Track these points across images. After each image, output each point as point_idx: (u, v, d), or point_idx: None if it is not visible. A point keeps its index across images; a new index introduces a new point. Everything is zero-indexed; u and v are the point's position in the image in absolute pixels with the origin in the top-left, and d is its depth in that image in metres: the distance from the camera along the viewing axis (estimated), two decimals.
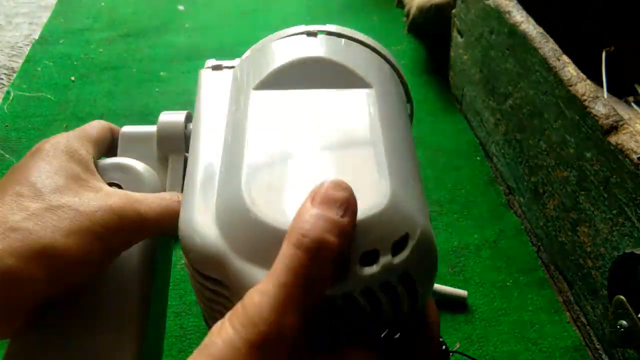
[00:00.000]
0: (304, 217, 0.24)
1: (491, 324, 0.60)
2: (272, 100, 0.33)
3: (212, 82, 0.37)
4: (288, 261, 0.24)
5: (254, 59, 0.36)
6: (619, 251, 0.49)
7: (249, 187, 0.27)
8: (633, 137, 0.48)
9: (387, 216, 0.26)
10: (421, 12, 0.92)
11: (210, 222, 0.28)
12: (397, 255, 0.26)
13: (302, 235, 0.24)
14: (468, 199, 0.73)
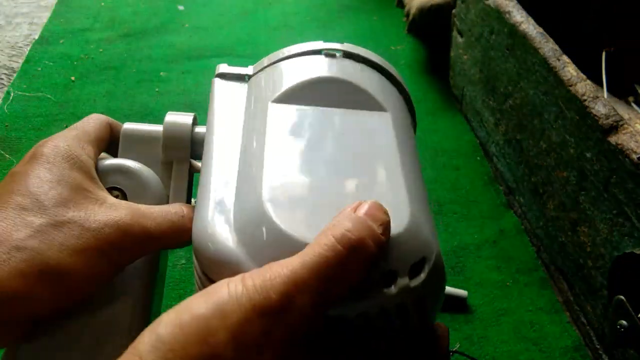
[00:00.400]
0: (348, 218, 0.25)
1: (491, 324, 0.60)
2: (290, 114, 0.33)
3: (226, 92, 0.37)
4: (324, 250, 0.24)
5: (273, 72, 0.36)
6: (619, 251, 0.49)
7: (271, 198, 0.27)
8: (633, 137, 0.48)
9: (406, 239, 0.27)
10: (421, 12, 0.92)
11: (227, 230, 0.28)
12: (414, 279, 0.27)
13: (347, 230, 0.24)
14: (468, 199, 0.73)
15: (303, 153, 0.30)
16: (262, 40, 1.00)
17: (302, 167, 0.29)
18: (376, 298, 0.26)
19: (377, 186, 0.29)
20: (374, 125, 0.33)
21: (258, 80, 0.37)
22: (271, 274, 0.23)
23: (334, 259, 0.24)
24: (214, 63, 0.96)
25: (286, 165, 0.30)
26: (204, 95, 0.86)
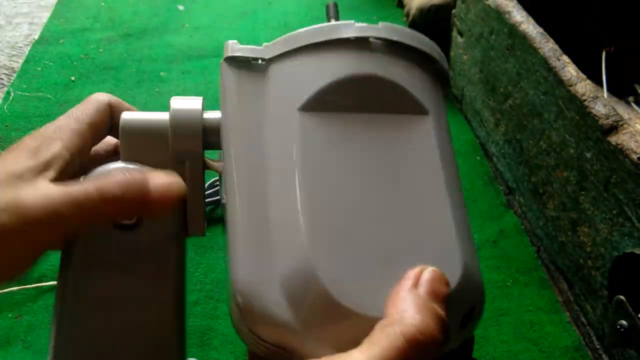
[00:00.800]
0: (414, 308, 0.24)
1: (491, 324, 0.60)
2: (322, 127, 0.29)
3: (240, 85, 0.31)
4: (392, 351, 0.23)
5: (296, 67, 0.31)
6: (619, 251, 0.49)
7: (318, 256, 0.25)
8: (633, 137, 0.48)
9: (459, 294, 0.25)
10: (421, 12, 0.92)
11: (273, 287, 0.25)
12: (466, 329, 0.26)
13: (417, 331, 0.23)
14: (468, 199, 0.73)
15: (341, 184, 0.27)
16: (262, 40, 1.00)
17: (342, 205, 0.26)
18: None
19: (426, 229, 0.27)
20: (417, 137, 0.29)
21: (279, 73, 0.31)
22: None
23: (401, 358, 0.23)
24: (214, 63, 0.96)
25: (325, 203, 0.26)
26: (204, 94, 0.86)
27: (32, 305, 0.60)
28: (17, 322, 0.58)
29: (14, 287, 0.61)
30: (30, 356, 0.55)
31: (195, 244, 0.67)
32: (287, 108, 0.29)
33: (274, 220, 0.27)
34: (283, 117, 0.29)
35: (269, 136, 0.29)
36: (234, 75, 0.31)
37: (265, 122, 0.30)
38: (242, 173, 0.29)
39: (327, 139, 0.28)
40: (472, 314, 0.26)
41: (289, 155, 0.28)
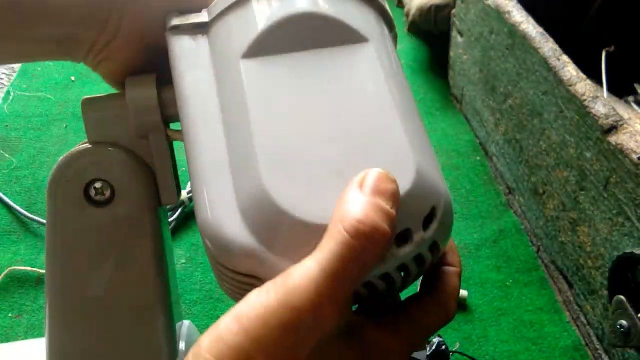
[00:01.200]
0: (357, 205, 0.24)
1: (491, 324, 0.60)
2: (267, 70, 0.30)
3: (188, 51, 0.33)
4: (339, 248, 0.23)
5: (234, 20, 0.32)
6: (619, 251, 0.49)
7: (271, 178, 0.26)
8: (633, 137, 0.48)
9: (415, 194, 0.26)
10: (421, 12, 0.92)
11: (234, 219, 0.27)
12: (428, 229, 0.27)
13: (357, 222, 0.23)
14: (468, 199, 0.73)
15: (291, 115, 0.28)
16: None
17: (294, 133, 0.28)
18: (395, 258, 0.26)
19: (376, 141, 0.28)
20: (360, 64, 0.30)
21: (220, 32, 0.32)
22: (293, 289, 0.23)
23: (352, 257, 0.23)
24: None
25: (277, 134, 0.28)
26: None
27: (32, 305, 0.60)
28: (17, 322, 0.58)
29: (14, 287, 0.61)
30: None
31: (195, 244, 0.67)
32: (232, 59, 0.31)
33: (231, 159, 0.28)
34: (229, 68, 0.31)
35: (219, 90, 0.31)
36: (180, 43, 0.33)
37: (214, 78, 0.31)
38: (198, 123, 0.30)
39: (273, 78, 0.30)
40: (433, 214, 0.27)
41: (240, 99, 0.29)
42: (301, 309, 0.23)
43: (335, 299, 0.23)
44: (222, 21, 0.32)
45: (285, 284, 0.23)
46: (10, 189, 0.71)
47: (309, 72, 0.30)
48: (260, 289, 0.24)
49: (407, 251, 0.26)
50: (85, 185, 0.35)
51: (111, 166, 0.35)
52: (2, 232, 0.67)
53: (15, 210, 0.68)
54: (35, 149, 0.78)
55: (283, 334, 0.23)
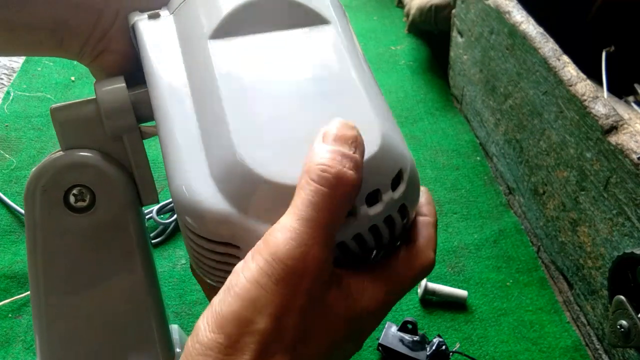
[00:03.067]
0: (321, 154, 0.25)
1: (491, 324, 0.60)
2: (234, 50, 0.31)
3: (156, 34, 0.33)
4: (310, 196, 0.24)
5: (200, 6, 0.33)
6: (619, 251, 0.49)
7: (243, 145, 0.27)
8: (633, 137, 0.48)
9: (383, 156, 0.27)
10: (421, 12, 0.92)
11: (208, 187, 0.27)
12: (396, 190, 0.28)
13: (322, 170, 0.24)
14: (468, 199, 0.73)
15: (260, 90, 0.29)
16: None
17: (263, 105, 0.29)
18: (366, 218, 0.27)
19: (343, 109, 0.29)
20: (324, 43, 0.32)
21: (186, 13, 0.33)
22: (276, 245, 0.24)
23: (324, 202, 0.24)
24: None
25: (247, 105, 0.29)
26: None
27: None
28: (17, 322, 0.58)
29: (14, 288, 0.61)
30: (30, 356, 0.55)
31: None
32: (199, 41, 0.32)
33: (202, 132, 0.29)
34: (197, 49, 0.31)
35: (187, 69, 0.32)
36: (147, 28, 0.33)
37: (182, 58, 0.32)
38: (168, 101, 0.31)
39: (241, 57, 0.31)
40: (400, 176, 0.28)
41: (209, 77, 0.30)
42: (289, 261, 0.23)
43: (318, 243, 0.24)
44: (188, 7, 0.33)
45: (267, 244, 0.24)
46: (10, 189, 0.71)
47: (276, 51, 0.31)
48: (244, 259, 0.25)
49: (377, 210, 0.27)
50: (64, 193, 0.35)
51: (89, 171, 0.35)
52: (2, 232, 0.67)
53: (15, 210, 0.68)
54: (35, 149, 0.78)
55: (277, 290, 0.23)
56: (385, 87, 0.90)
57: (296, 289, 0.24)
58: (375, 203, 0.27)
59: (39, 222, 0.35)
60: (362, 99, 0.30)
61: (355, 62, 0.31)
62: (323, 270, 0.24)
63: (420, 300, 0.62)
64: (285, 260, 0.23)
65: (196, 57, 0.31)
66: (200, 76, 0.31)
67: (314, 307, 0.24)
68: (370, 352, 0.57)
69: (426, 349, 0.55)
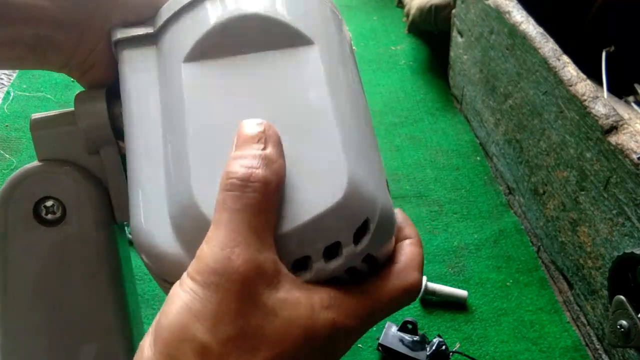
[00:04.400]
0: (228, 165, 0.25)
1: (491, 324, 0.60)
2: (205, 75, 0.29)
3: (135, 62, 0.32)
4: (220, 205, 0.24)
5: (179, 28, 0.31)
6: (619, 251, 0.49)
7: (200, 188, 0.26)
8: (633, 137, 0.48)
9: (346, 205, 0.25)
10: (421, 12, 0.92)
11: (165, 228, 0.27)
12: (359, 243, 0.26)
13: (227, 178, 0.24)
14: (468, 199, 0.73)
15: (227, 122, 0.27)
16: None
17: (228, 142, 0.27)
18: (322, 271, 0.26)
19: (310, 149, 0.27)
20: (302, 67, 0.29)
21: (166, 38, 0.32)
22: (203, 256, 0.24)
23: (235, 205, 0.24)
24: None
25: (211, 141, 0.27)
26: None
27: None
28: None
29: None
30: None
31: None
32: (174, 63, 0.30)
33: (166, 164, 0.28)
34: (171, 72, 0.30)
35: (161, 94, 0.30)
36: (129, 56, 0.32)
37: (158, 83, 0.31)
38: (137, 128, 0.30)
39: (212, 83, 0.29)
40: (366, 226, 0.26)
41: (178, 104, 0.29)
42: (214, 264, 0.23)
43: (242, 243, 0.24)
44: (169, 29, 0.32)
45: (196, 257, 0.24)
46: None
47: (249, 76, 0.29)
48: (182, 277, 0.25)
49: (337, 264, 0.25)
50: (35, 204, 0.34)
51: (61, 183, 0.34)
52: None
53: None
54: None
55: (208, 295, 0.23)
56: (385, 87, 0.90)
57: (228, 291, 0.23)
58: (334, 257, 0.26)
59: (7, 232, 0.34)
60: (332, 135, 0.27)
61: (336, 89, 0.29)
62: (258, 271, 0.24)
63: (420, 300, 0.62)
64: (210, 263, 0.23)
65: (169, 81, 0.30)
66: (171, 104, 0.29)
67: (254, 311, 0.24)
68: (370, 352, 0.57)
69: (426, 349, 0.55)
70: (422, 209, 0.72)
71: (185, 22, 0.31)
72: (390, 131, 0.83)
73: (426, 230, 0.69)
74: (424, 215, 0.71)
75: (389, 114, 0.85)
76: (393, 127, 0.83)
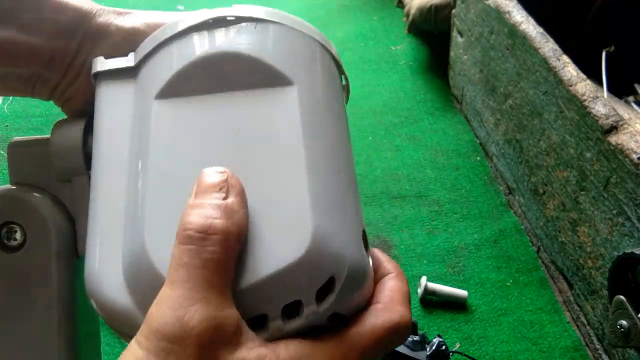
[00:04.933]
0: (185, 215, 0.24)
1: (491, 324, 0.60)
2: (175, 113, 0.28)
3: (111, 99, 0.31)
4: (178, 259, 0.23)
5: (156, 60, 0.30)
6: (619, 251, 0.49)
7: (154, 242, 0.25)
8: (633, 137, 0.48)
9: (309, 262, 0.24)
10: (421, 12, 0.92)
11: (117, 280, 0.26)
12: (323, 302, 0.24)
13: (184, 229, 0.23)
14: (468, 199, 0.73)
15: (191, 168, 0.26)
16: None
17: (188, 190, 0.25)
18: (280, 332, 0.24)
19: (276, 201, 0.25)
20: (276, 110, 0.28)
21: (144, 73, 0.30)
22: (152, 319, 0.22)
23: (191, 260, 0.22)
24: None
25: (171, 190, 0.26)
26: None
27: None
28: None
29: None
30: None
31: None
32: (147, 100, 0.29)
33: (126, 211, 0.27)
34: (143, 109, 0.29)
35: (132, 134, 0.29)
36: (104, 89, 0.31)
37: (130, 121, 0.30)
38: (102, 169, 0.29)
39: (181, 123, 0.28)
40: (331, 284, 0.24)
41: (144, 146, 0.28)
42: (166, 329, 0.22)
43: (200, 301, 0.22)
44: (148, 63, 0.30)
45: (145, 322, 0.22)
46: None
47: (220, 117, 0.28)
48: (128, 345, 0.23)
49: (297, 324, 0.24)
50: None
51: (26, 209, 0.33)
52: None
53: None
54: None
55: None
56: (385, 87, 0.90)
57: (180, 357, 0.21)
58: (294, 316, 0.24)
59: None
60: (300, 184, 0.25)
61: (313, 134, 0.27)
62: (216, 331, 0.22)
63: (420, 300, 0.62)
64: (160, 328, 0.21)
65: (140, 120, 0.29)
66: (138, 144, 0.28)
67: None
68: None
69: (426, 349, 0.55)
70: (422, 209, 0.72)
71: (162, 57, 0.30)
72: (390, 131, 0.83)
73: (426, 230, 0.69)
74: (424, 215, 0.71)
75: (389, 114, 0.85)
76: (393, 127, 0.83)
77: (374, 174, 0.76)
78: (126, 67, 0.31)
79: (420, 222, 0.70)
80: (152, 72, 0.30)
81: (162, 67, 0.29)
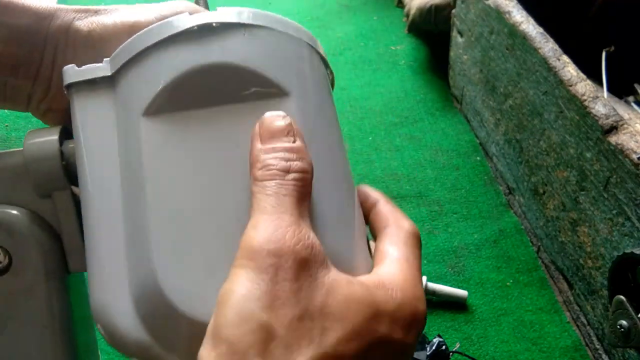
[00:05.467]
0: (260, 158, 0.25)
1: (491, 324, 0.60)
2: (167, 132, 0.26)
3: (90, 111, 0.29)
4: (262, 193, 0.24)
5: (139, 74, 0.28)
6: (619, 251, 0.49)
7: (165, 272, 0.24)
8: (633, 137, 0.48)
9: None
10: (421, 12, 0.92)
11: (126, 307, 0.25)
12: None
13: (266, 169, 0.24)
14: (468, 199, 0.73)
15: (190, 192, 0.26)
16: None
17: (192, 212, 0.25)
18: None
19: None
20: None
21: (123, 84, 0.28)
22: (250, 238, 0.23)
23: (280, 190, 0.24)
24: None
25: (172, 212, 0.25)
26: None
27: None
28: None
29: None
30: None
31: None
32: (133, 117, 0.27)
33: (127, 235, 0.26)
34: (129, 127, 0.27)
35: (120, 152, 0.28)
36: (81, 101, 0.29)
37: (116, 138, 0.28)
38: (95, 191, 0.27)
39: (173, 143, 0.26)
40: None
41: (137, 168, 0.26)
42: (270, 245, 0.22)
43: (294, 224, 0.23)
44: (127, 73, 0.28)
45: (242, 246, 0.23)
46: None
47: (214, 134, 0.27)
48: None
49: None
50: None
51: (8, 230, 0.31)
52: None
53: None
54: None
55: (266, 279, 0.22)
56: (385, 87, 0.90)
57: (286, 272, 0.22)
58: None
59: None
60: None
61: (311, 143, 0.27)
62: (312, 251, 0.23)
63: None
64: (264, 245, 0.22)
65: (128, 140, 0.27)
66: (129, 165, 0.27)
67: (315, 289, 0.22)
68: None
69: (426, 349, 0.55)
70: (422, 209, 0.72)
71: (145, 69, 0.28)
72: (390, 131, 0.83)
73: (426, 230, 0.69)
74: (424, 215, 0.71)
75: (389, 114, 0.85)
76: (393, 127, 0.83)
77: (374, 174, 0.76)
78: (102, 76, 0.29)
79: (420, 222, 0.70)
80: (134, 86, 0.28)
81: (147, 80, 0.27)
